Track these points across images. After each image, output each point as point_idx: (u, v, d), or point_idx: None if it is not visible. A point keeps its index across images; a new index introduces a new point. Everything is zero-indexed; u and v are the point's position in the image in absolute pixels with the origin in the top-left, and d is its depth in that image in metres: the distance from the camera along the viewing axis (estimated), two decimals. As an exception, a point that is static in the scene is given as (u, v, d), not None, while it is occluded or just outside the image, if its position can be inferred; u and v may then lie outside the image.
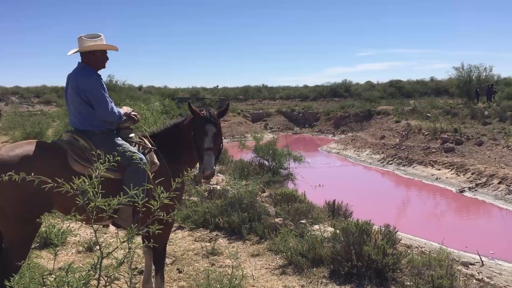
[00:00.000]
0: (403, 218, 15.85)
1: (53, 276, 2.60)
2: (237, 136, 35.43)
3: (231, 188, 8.11)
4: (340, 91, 57.10)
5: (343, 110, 44.76)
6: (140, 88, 60.63)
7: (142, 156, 4.01)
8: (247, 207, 7.18)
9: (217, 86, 70.29)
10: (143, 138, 4.36)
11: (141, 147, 4.22)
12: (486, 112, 27.05)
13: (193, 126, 4.28)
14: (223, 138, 4.57)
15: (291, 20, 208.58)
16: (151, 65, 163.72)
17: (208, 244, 6.44)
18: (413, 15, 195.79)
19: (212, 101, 44.99)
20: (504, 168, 18.59)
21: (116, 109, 4.14)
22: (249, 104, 56.61)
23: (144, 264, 4.75)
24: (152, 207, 2.72)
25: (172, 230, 7.07)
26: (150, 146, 4.26)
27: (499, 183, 17.49)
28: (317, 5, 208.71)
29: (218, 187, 8.81)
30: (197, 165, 4.33)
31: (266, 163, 12.88)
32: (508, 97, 29.84)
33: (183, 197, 6.65)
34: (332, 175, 23.79)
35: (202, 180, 8.91)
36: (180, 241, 6.77)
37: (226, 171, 12.20)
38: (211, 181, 9.54)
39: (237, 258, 5.47)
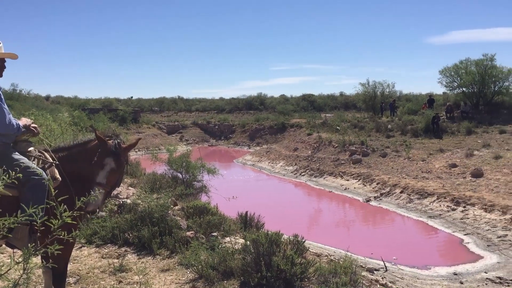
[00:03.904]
0: (314, 227, 16.40)
1: None
2: (151, 148, 34.70)
3: (142, 201, 7.93)
4: (255, 104, 58.09)
5: (258, 122, 45.55)
6: (47, 98, 57.73)
7: (42, 171, 3.81)
8: (158, 221, 7.06)
9: (131, 97, 68.71)
10: (43, 152, 4.13)
11: (40, 162, 3.99)
12: (389, 126, 28.83)
13: (96, 153, 4.12)
14: (124, 172, 4.41)
15: (206, 33, 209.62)
16: (60, 74, 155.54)
17: (116, 260, 6.23)
18: (323, 32, 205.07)
19: (125, 112, 43.75)
20: (405, 178, 19.90)
21: (14, 121, 3.89)
22: (165, 116, 55.90)
23: (44, 285, 4.49)
24: (52, 225, 2.60)
25: (77, 247, 6.77)
26: (51, 160, 4.06)
27: (401, 192, 18.68)
28: (231, 19, 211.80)
29: (128, 201, 8.57)
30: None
31: (180, 175, 12.75)
32: (409, 112, 31.99)
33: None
34: (247, 187, 24.06)
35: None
36: (86, 258, 6.47)
37: (137, 184, 11.89)
38: (121, 195, 9.27)
39: (145, 274, 5.35)
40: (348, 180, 22.32)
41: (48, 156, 4.08)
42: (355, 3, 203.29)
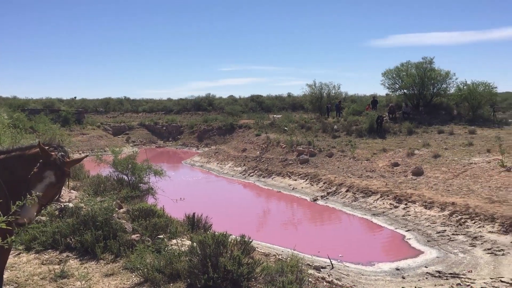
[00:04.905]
0: (263, 227, 16.50)
1: None
2: (96, 150, 33.78)
3: (85, 205, 7.68)
4: (204, 105, 57.83)
5: (207, 123, 45.41)
6: (-17, 98, 55.00)
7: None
8: (101, 225, 6.86)
9: (75, 97, 66.71)
10: (-25, 154, 3.92)
11: (-28, 164, 3.79)
12: (335, 126, 29.53)
13: (36, 162, 3.92)
14: (65, 184, 4.23)
15: (154, 32, 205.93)
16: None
17: (57, 266, 6.00)
18: (270, 34, 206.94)
19: (68, 113, 42.30)
20: (350, 177, 20.42)
21: None
22: (110, 117, 54.59)
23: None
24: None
25: (15, 253, 6.48)
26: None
27: (347, 191, 19.15)
28: (178, 19, 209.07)
29: (70, 204, 8.28)
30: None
31: (125, 177, 12.46)
32: (354, 112, 32.85)
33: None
34: (195, 188, 23.89)
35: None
36: (24, 265, 6.19)
37: (80, 187, 11.52)
38: (63, 198, 8.96)
39: (88, 279, 5.19)
40: (296, 180, 22.62)
41: (-20, 159, 3.88)
42: (299, 6, 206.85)
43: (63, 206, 8.24)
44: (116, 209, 8.23)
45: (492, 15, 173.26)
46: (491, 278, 10.15)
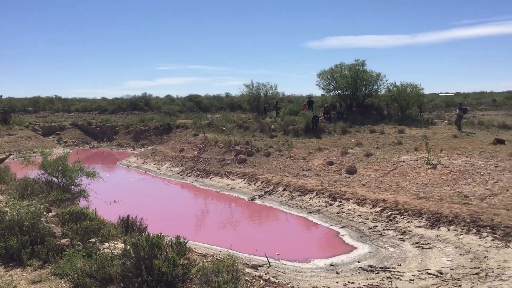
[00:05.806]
0: (201, 228, 16.42)
1: None
2: (24, 151, 32.10)
3: (10, 209, 7.27)
4: (140, 105, 56.74)
5: (143, 123, 44.57)
6: None
7: None
8: (28, 230, 6.53)
9: (1, 96, 63.13)
10: None
11: None
12: (272, 126, 29.91)
13: None
14: None
15: (86, 31, 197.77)
16: None
17: (-22, 275, 5.65)
18: (207, 33, 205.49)
19: (-7, 113, 40.03)
20: (287, 176, 20.74)
21: None
22: (40, 117, 52.23)
23: None
24: None
25: None
26: None
27: (284, 190, 19.43)
28: (113, 17, 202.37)
29: (-6, 209, 7.81)
30: None
31: (56, 180, 11.91)
32: (290, 112, 33.44)
33: None
34: (131, 189, 23.34)
35: None
36: None
37: (5, 191, 10.88)
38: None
39: (13, 287, 4.92)
40: (233, 179, 22.66)
41: None
42: (238, 7, 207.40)
43: (-15, 211, 7.77)
44: (45, 213, 7.87)
45: (419, 21, 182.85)
46: (419, 271, 10.68)
